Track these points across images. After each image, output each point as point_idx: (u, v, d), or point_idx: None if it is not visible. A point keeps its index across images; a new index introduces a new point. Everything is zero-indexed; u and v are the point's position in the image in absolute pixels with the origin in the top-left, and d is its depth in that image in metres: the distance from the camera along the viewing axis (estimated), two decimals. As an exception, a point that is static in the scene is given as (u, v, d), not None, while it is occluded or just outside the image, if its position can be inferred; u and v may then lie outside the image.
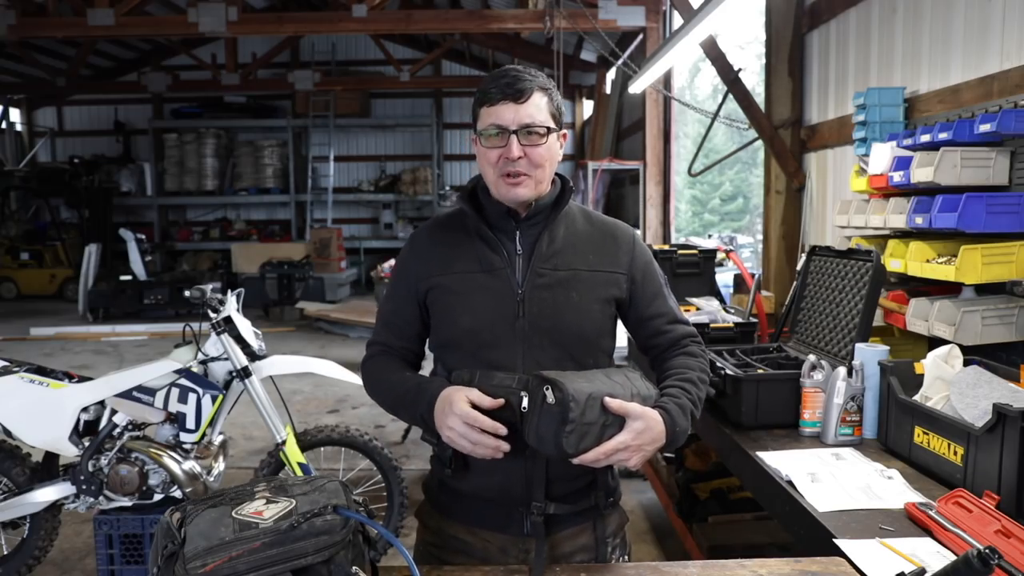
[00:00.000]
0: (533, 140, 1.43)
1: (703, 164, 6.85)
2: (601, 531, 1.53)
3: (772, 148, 4.75)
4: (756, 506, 3.08)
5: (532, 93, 1.44)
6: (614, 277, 1.53)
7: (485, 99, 1.45)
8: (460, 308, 1.48)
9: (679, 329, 1.60)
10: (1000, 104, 2.64)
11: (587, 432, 1.29)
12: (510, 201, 1.47)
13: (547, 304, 1.47)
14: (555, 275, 1.48)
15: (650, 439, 1.35)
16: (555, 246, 1.51)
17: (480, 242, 1.51)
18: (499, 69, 1.49)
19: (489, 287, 1.47)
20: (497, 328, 1.46)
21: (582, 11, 7.62)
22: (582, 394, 1.28)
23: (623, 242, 1.57)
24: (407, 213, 14.94)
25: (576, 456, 1.30)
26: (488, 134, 1.45)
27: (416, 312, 1.55)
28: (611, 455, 1.32)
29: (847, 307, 2.38)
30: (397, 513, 3.41)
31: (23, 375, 3.05)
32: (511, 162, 1.43)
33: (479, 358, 1.46)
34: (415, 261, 1.56)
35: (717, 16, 3.76)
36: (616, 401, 1.32)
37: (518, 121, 1.42)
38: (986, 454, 1.61)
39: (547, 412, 1.29)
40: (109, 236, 12.51)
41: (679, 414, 1.41)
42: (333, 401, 6.53)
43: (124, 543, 3.01)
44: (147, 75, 13.67)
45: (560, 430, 1.27)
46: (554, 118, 1.47)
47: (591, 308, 1.50)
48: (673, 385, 1.48)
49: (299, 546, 1.08)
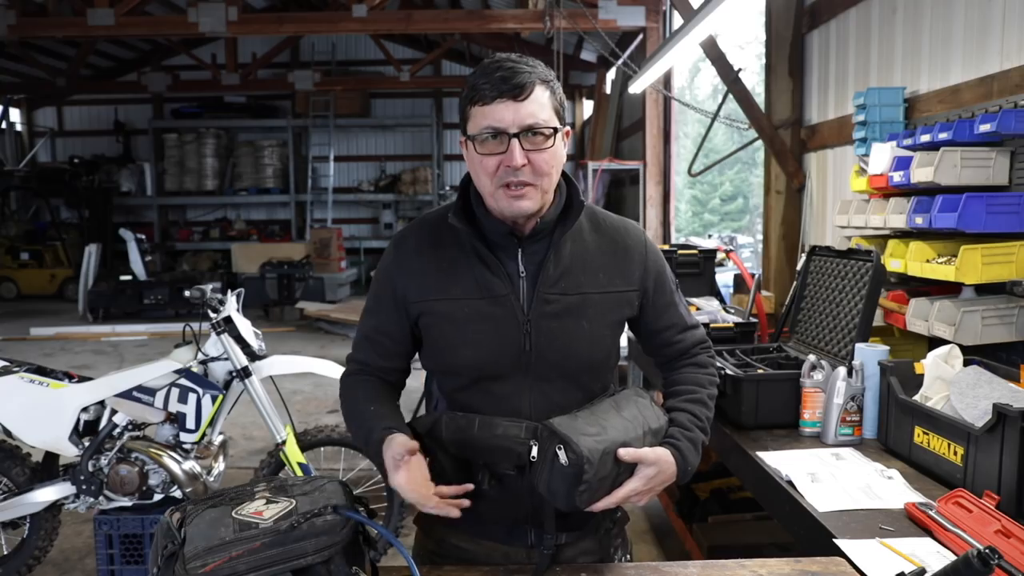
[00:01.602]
0: (537, 144, 1.23)
1: (703, 164, 6.85)
2: (604, 534, 1.52)
3: (772, 148, 4.75)
4: (756, 506, 3.08)
5: (533, 88, 1.22)
6: (626, 296, 1.39)
7: (477, 96, 1.23)
8: (459, 339, 1.32)
9: (689, 338, 1.50)
10: (1000, 104, 2.64)
11: (600, 487, 1.24)
12: (512, 215, 1.27)
13: (556, 334, 1.32)
14: (564, 300, 1.32)
15: (661, 481, 1.29)
16: (563, 266, 1.33)
17: (478, 263, 1.32)
18: (491, 59, 1.25)
19: (491, 316, 1.31)
20: (501, 361, 1.32)
21: (582, 11, 7.61)
22: (596, 453, 1.20)
23: (635, 252, 1.41)
24: (407, 213, 14.93)
25: (587, 507, 1.25)
26: (483, 139, 1.23)
27: (403, 330, 1.39)
28: (622, 502, 1.28)
29: (847, 307, 2.38)
30: (397, 513, 3.41)
31: (23, 375, 3.06)
32: (513, 171, 1.22)
33: (481, 389, 1.35)
34: (402, 276, 1.37)
35: (717, 16, 3.76)
36: (630, 451, 1.24)
37: (519, 122, 1.21)
38: (986, 454, 1.60)
39: (559, 471, 1.21)
40: (109, 236, 12.53)
41: (690, 451, 1.33)
42: (333, 401, 6.53)
43: (124, 543, 3.01)
44: (147, 75, 13.65)
45: (574, 490, 1.21)
46: (558, 114, 1.27)
47: (603, 334, 1.36)
48: (683, 410, 1.39)
49: (299, 546, 1.09)
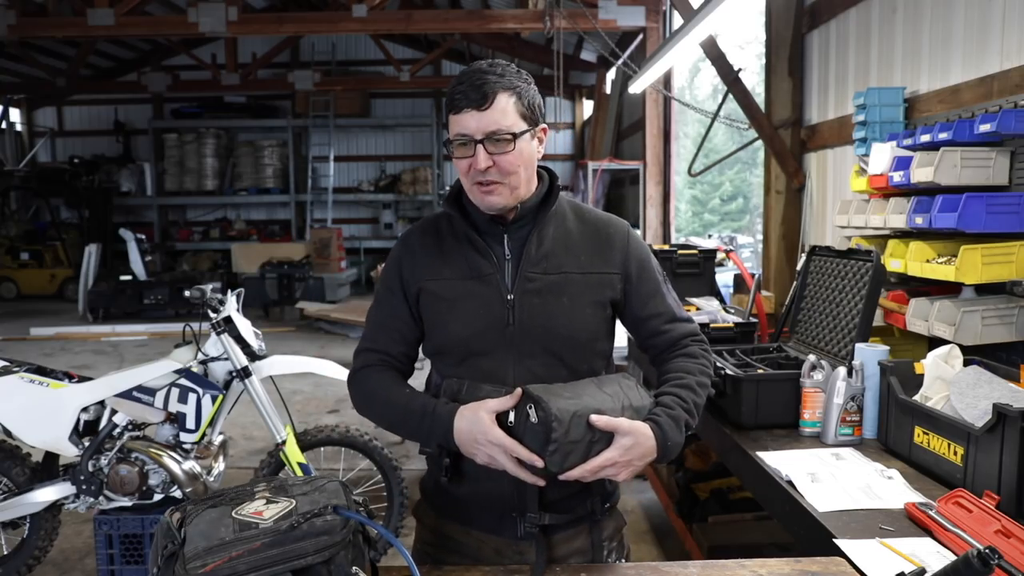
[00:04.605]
0: (500, 147, 1.36)
1: (703, 164, 6.85)
2: (597, 535, 1.51)
3: (772, 148, 4.75)
4: (756, 506, 3.08)
5: (495, 96, 1.36)
6: (607, 278, 1.48)
7: (451, 105, 1.38)
8: (449, 315, 1.45)
9: (678, 329, 1.55)
10: (1000, 104, 2.64)
11: (572, 450, 1.27)
12: (485, 209, 1.43)
13: (537, 309, 1.42)
14: (545, 279, 1.44)
15: (639, 454, 1.32)
16: (544, 248, 1.46)
17: (469, 247, 1.47)
18: (466, 68, 1.41)
19: (478, 294, 1.44)
20: (487, 336, 1.42)
21: (582, 11, 7.61)
22: (566, 413, 1.26)
23: (616, 239, 1.51)
24: (407, 213, 14.94)
25: (562, 473, 1.29)
26: (456, 144, 1.39)
27: (411, 314, 1.51)
28: (598, 472, 1.31)
29: (847, 307, 2.38)
30: (397, 513, 3.41)
31: (23, 375, 3.06)
32: (480, 172, 1.37)
33: (470, 366, 1.43)
34: (406, 263, 1.51)
35: (717, 16, 3.76)
36: (603, 418, 1.29)
37: (482, 129, 1.35)
38: (986, 454, 1.61)
39: (531, 430, 1.27)
40: (109, 236, 12.54)
41: (671, 427, 1.37)
42: (333, 401, 6.53)
43: (124, 543, 3.01)
44: (147, 75, 13.66)
45: (544, 449, 1.26)
46: (525, 117, 1.39)
47: (583, 312, 1.45)
48: (668, 393, 1.44)
49: (299, 546, 1.08)
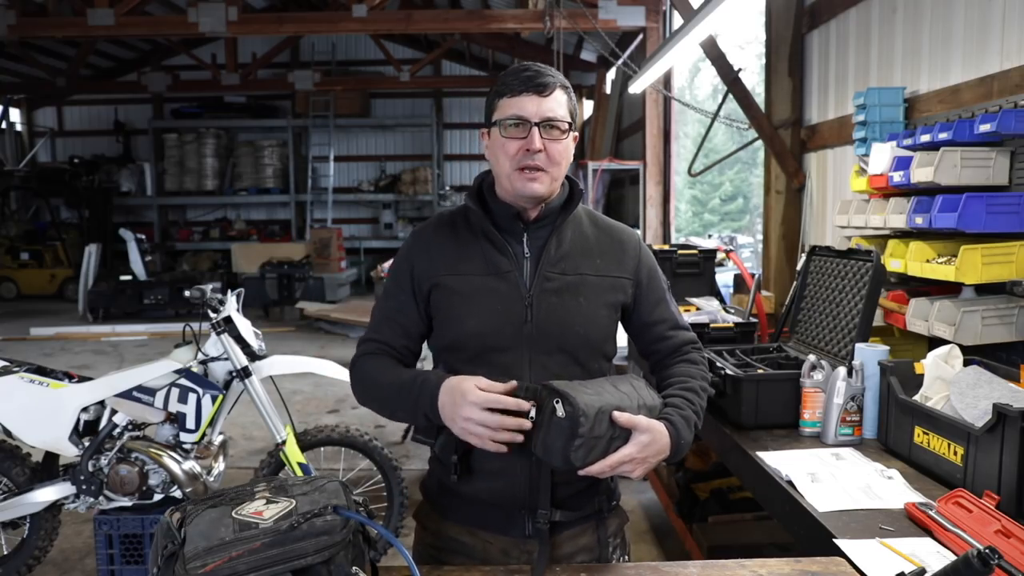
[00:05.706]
0: (554, 135, 1.42)
1: (703, 164, 6.85)
2: (603, 532, 1.53)
3: (772, 148, 4.75)
4: (756, 506, 3.08)
5: (555, 89, 1.44)
6: (620, 282, 1.53)
7: (505, 90, 1.44)
8: (465, 310, 1.46)
9: (680, 336, 1.60)
10: (1000, 104, 2.64)
11: (595, 446, 1.29)
12: (524, 197, 1.44)
13: (555, 309, 1.45)
14: (563, 279, 1.47)
15: (655, 451, 1.35)
16: (563, 249, 1.49)
17: (487, 243, 1.48)
18: (518, 64, 1.48)
19: (496, 290, 1.45)
20: (504, 332, 1.44)
21: (582, 11, 7.61)
22: (592, 408, 1.27)
23: (630, 247, 1.57)
24: (407, 213, 14.94)
25: (582, 468, 1.31)
26: (508, 124, 1.42)
27: (419, 310, 1.52)
28: (616, 467, 1.33)
29: (847, 307, 2.38)
30: (397, 513, 3.41)
31: (23, 375, 3.06)
32: (531, 154, 1.40)
33: (484, 361, 1.44)
34: (418, 258, 1.52)
35: (717, 16, 3.76)
36: (624, 415, 1.32)
37: (540, 114, 1.41)
38: (986, 454, 1.61)
39: (556, 425, 1.28)
40: (109, 236, 12.54)
41: (683, 426, 1.41)
42: (333, 401, 6.53)
43: (124, 543, 3.01)
44: (147, 75, 13.67)
45: (569, 444, 1.27)
46: (572, 117, 1.47)
47: (598, 313, 1.49)
48: (677, 395, 1.47)
49: (299, 546, 1.08)
